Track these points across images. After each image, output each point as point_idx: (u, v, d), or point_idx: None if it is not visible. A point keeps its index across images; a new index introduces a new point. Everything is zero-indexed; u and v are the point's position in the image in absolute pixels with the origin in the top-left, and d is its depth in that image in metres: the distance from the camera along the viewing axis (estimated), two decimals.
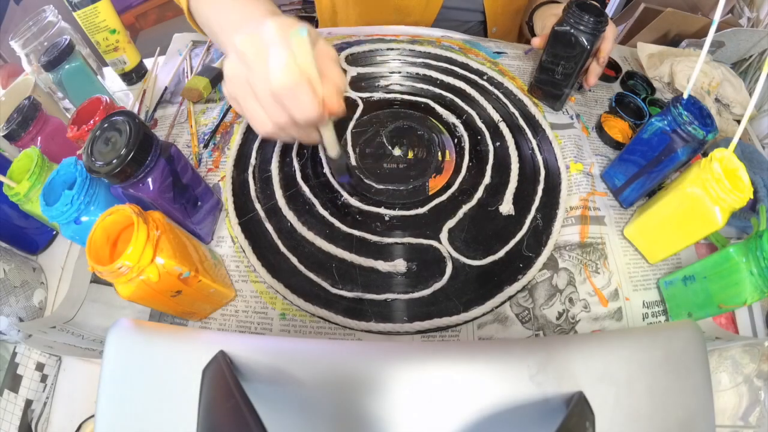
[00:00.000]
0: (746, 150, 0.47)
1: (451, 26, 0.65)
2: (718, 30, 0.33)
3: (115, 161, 0.31)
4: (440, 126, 0.51)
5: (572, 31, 0.43)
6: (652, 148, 0.40)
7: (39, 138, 0.45)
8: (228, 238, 0.43)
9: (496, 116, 0.51)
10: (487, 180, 0.46)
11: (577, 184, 0.46)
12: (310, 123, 0.32)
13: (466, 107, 0.52)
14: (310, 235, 0.42)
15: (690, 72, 0.49)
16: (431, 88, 0.54)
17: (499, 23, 0.67)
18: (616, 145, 0.50)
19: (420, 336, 0.38)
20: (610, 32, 0.47)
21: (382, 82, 0.55)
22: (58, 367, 0.39)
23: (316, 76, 0.30)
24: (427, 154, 0.48)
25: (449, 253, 0.41)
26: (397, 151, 0.48)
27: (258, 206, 0.44)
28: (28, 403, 0.37)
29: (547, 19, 0.54)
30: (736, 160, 0.35)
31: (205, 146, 0.50)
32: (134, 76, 0.60)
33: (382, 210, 0.44)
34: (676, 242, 0.39)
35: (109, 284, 0.41)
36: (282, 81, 0.29)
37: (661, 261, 0.41)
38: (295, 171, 0.47)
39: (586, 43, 0.43)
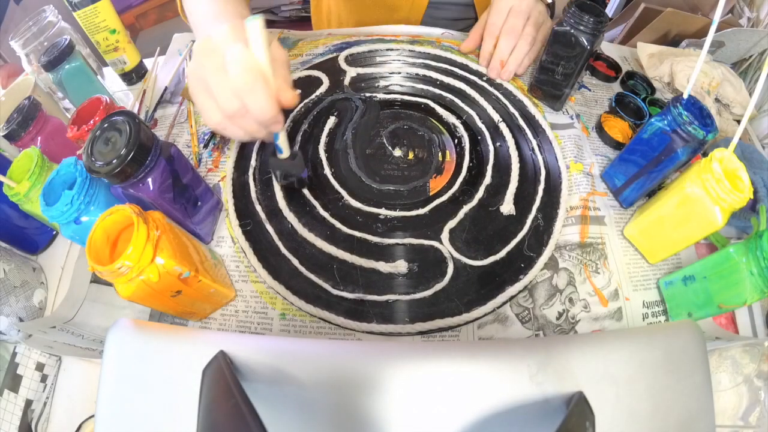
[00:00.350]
0: (746, 150, 0.47)
1: (442, 24, 0.65)
2: (718, 30, 0.33)
3: (115, 161, 0.31)
4: (440, 126, 0.51)
5: (572, 31, 0.43)
6: (652, 148, 0.40)
7: (39, 138, 0.45)
8: (228, 238, 0.43)
9: (496, 117, 0.51)
10: (487, 180, 0.46)
11: (577, 184, 0.46)
12: (264, 118, 0.34)
13: (466, 108, 0.52)
14: (311, 237, 0.42)
15: (690, 72, 0.49)
16: (431, 88, 0.54)
17: None
18: (616, 145, 0.50)
19: (421, 337, 0.38)
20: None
21: (382, 83, 0.55)
22: (58, 367, 0.39)
23: (270, 70, 0.33)
24: (428, 155, 0.48)
25: (450, 253, 0.41)
26: (397, 152, 0.48)
27: (258, 207, 0.44)
28: (28, 403, 0.37)
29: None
30: (736, 160, 0.35)
31: (205, 146, 0.50)
32: (134, 76, 0.60)
33: (382, 211, 0.44)
34: (676, 242, 0.39)
35: (109, 284, 0.41)
36: (240, 78, 0.32)
37: (661, 261, 0.41)
38: None
39: (586, 43, 0.43)
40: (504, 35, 0.52)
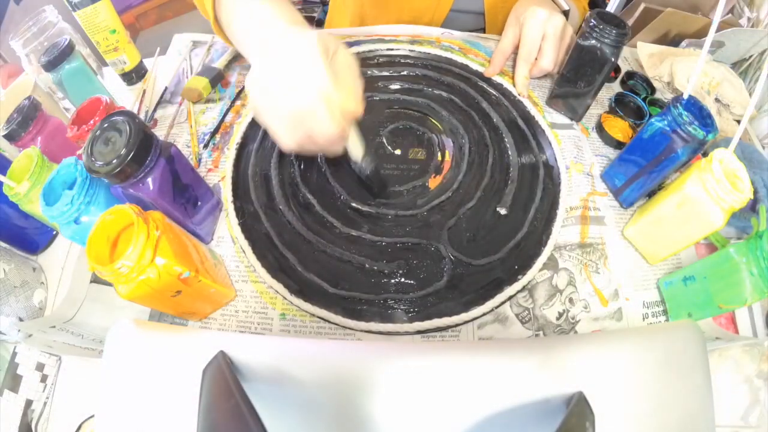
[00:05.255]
0: (746, 150, 0.47)
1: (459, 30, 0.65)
2: (718, 30, 0.33)
3: (115, 161, 0.31)
4: (440, 126, 0.51)
5: (597, 44, 0.43)
6: (652, 148, 0.40)
7: (39, 138, 0.44)
8: (228, 238, 0.43)
9: (495, 116, 0.51)
10: (486, 180, 0.46)
11: (577, 184, 0.46)
12: (331, 140, 0.34)
13: (466, 107, 0.52)
14: (309, 235, 0.42)
15: (690, 72, 0.49)
16: (431, 88, 0.54)
17: (499, 30, 0.68)
18: (617, 144, 0.50)
19: (420, 336, 0.38)
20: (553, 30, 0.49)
21: (382, 83, 0.55)
22: (58, 367, 0.39)
23: (332, 90, 0.32)
24: (427, 155, 0.48)
25: (449, 253, 0.41)
26: (397, 152, 0.48)
27: (258, 206, 0.44)
28: (28, 403, 0.37)
29: (521, 16, 0.52)
30: (736, 160, 0.35)
31: (205, 146, 0.50)
32: (134, 76, 0.60)
33: (382, 210, 0.44)
34: (676, 242, 0.39)
35: (109, 284, 0.41)
36: (297, 104, 0.31)
37: (661, 261, 0.41)
38: (294, 171, 0.47)
39: (610, 56, 0.43)
40: (541, 63, 0.52)
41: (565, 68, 0.48)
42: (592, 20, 0.43)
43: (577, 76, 0.47)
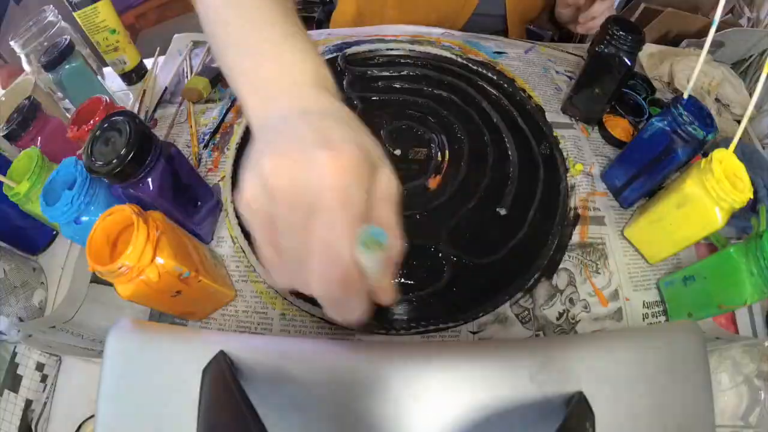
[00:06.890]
0: (746, 150, 0.47)
1: (477, 32, 0.65)
2: (718, 30, 0.33)
3: (115, 161, 0.31)
4: (440, 126, 0.51)
5: (615, 51, 0.43)
6: (652, 149, 0.40)
7: (39, 138, 0.45)
8: (228, 238, 0.43)
9: (495, 116, 0.51)
10: (486, 180, 0.46)
11: (577, 184, 0.46)
12: (351, 321, 0.23)
13: (466, 107, 0.52)
14: None
15: (690, 72, 0.48)
16: (431, 88, 0.54)
17: (517, 34, 0.68)
18: (618, 143, 0.50)
19: (420, 336, 0.38)
20: None
21: (382, 83, 0.55)
22: (58, 367, 0.39)
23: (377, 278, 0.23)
24: (427, 155, 0.48)
25: (449, 253, 0.41)
26: (397, 152, 0.48)
27: None
28: (28, 403, 0.37)
29: None
30: (736, 160, 0.35)
31: (205, 146, 0.50)
32: (134, 76, 0.60)
33: None
34: (676, 242, 0.39)
35: (109, 284, 0.41)
36: (331, 275, 0.20)
37: (661, 261, 0.41)
38: None
39: (628, 62, 0.43)
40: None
41: (580, 77, 0.48)
42: (611, 28, 0.43)
43: (593, 83, 0.47)
